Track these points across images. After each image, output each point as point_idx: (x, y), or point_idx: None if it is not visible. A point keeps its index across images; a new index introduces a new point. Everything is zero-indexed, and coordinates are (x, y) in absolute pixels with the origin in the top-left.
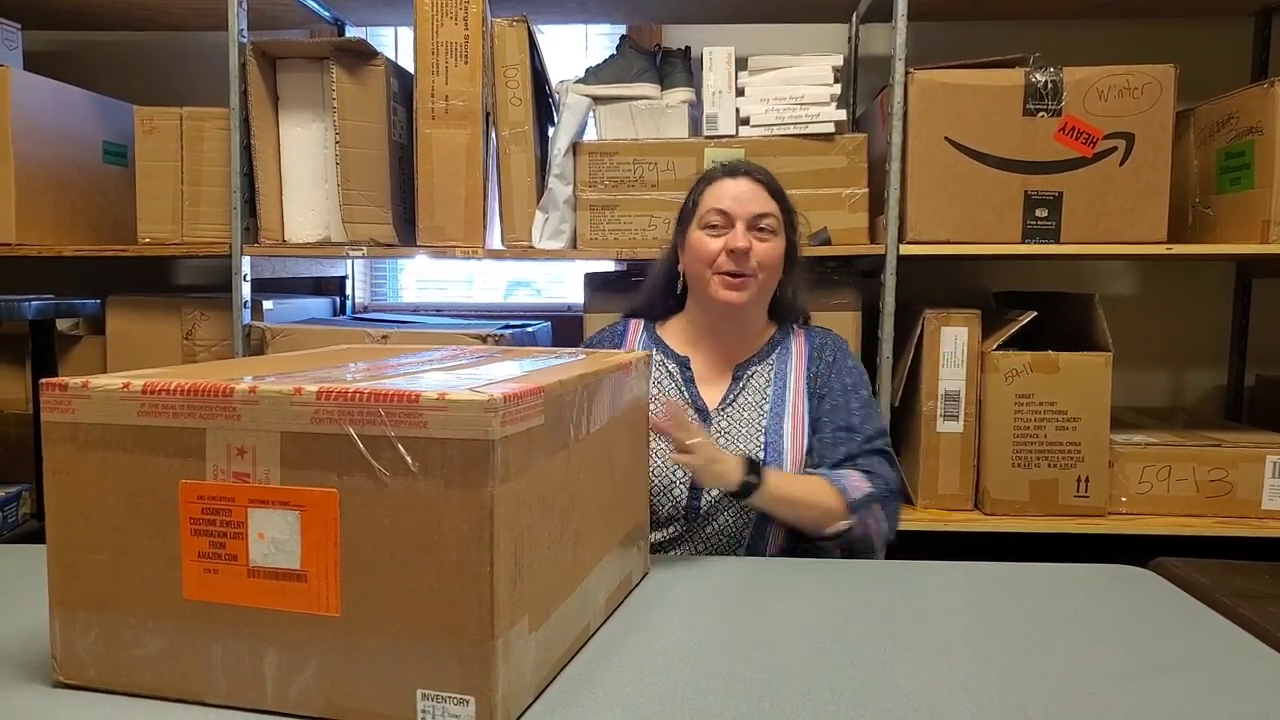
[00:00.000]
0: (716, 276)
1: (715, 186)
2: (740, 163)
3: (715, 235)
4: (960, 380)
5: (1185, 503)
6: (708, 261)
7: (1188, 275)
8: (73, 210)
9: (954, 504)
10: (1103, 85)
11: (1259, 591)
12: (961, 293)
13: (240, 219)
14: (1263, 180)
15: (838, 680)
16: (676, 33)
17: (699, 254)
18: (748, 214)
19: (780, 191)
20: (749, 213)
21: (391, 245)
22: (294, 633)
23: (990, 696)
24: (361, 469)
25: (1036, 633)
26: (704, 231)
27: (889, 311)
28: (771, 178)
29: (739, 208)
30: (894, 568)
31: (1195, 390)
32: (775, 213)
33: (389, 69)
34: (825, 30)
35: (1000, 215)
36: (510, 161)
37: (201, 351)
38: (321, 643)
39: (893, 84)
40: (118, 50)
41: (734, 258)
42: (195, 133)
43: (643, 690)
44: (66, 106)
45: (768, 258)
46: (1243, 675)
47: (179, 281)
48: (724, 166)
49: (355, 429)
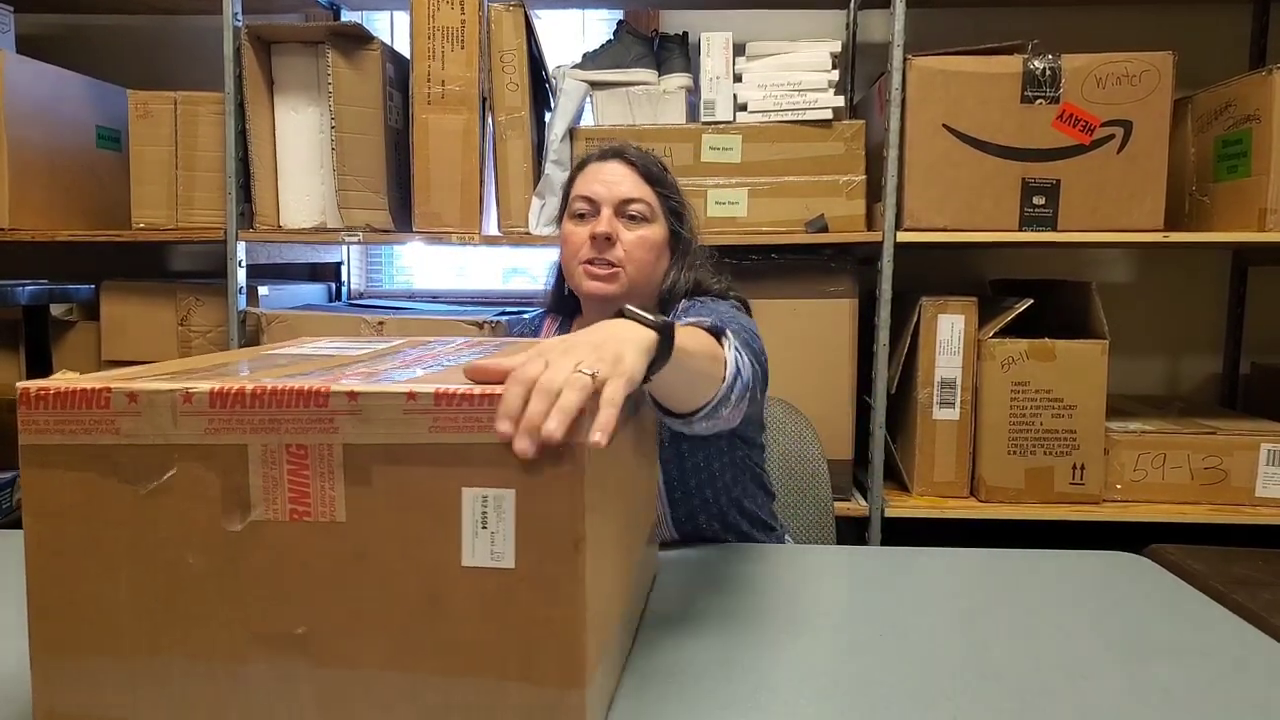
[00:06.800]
0: (581, 267)
1: (585, 171)
2: (615, 145)
3: (582, 224)
4: (956, 368)
5: (1180, 490)
6: (574, 252)
7: (1184, 263)
8: (66, 195)
9: (949, 491)
10: (1101, 72)
11: (1253, 578)
12: (958, 280)
13: (235, 204)
14: (1260, 168)
15: (833, 666)
16: (674, 18)
17: (567, 245)
18: (614, 199)
19: (658, 176)
20: (615, 197)
21: (387, 231)
22: None
23: (985, 682)
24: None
25: (1032, 619)
26: (572, 221)
27: (886, 299)
28: (649, 160)
29: (605, 192)
30: (890, 554)
31: (1191, 378)
32: (647, 198)
33: (385, 54)
34: (823, 16)
35: (997, 203)
36: (507, 147)
37: (197, 338)
38: None
39: (891, 70)
40: (111, 34)
41: (596, 245)
42: (190, 117)
43: (636, 676)
44: (60, 90)
45: (636, 246)
46: (1237, 661)
47: (173, 267)
48: (600, 149)
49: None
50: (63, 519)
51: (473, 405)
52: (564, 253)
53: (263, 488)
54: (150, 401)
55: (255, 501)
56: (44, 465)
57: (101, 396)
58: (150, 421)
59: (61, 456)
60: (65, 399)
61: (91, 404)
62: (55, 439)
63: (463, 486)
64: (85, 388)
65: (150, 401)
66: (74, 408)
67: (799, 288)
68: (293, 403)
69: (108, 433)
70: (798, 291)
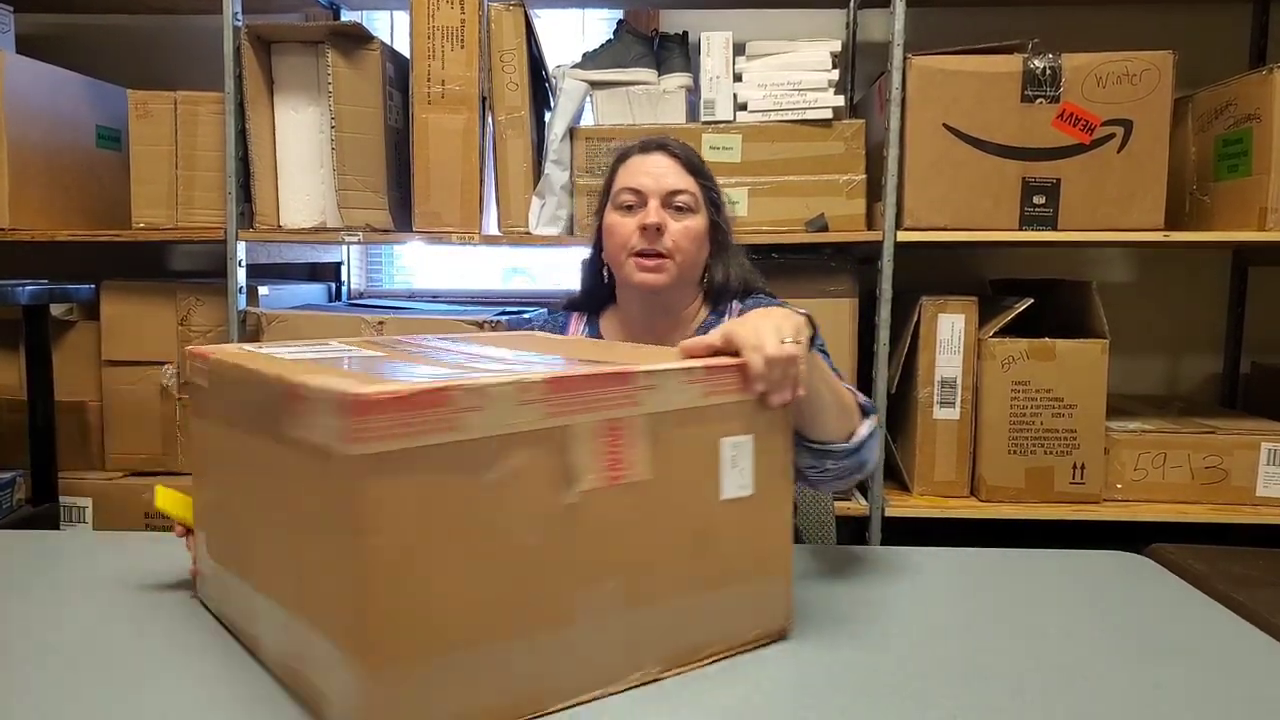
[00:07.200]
0: (632, 259)
1: (628, 164)
2: (655, 138)
3: (629, 215)
4: (957, 367)
5: (1180, 489)
6: (622, 243)
7: (1185, 263)
8: (66, 194)
9: (950, 491)
10: (1101, 72)
11: (1253, 577)
12: (958, 280)
13: (235, 204)
14: (1260, 167)
15: (832, 666)
16: (674, 18)
17: (614, 236)
18: (661, 190)
19: (700, 168)
20: (663, 189)
21: (387, 231)
22: None
23: (986, 682)
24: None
25: (1032, 618)
26: (618, 213)
27: (886, 298)
28: (690, 152)
29: (652, 184)
30: (890, 554)
31: (1191, 378)
32: (691, 189)
33: (385, 53)
34: (823, 16)
35: (998, 202)
36: (507, 147)
37: (197, 337)
38: None
39: (891, 70)
40: (111, 33)
41: (646, 235)
42: (190, 117)
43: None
44: (59, 90)
45: (683, 236)
46: (1237, 660)
47: (174, 266)
48: (640, 142)
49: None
50: (402, 522)
51: (731, 374)
52: (610, 244)
53: (589, 461)
54: (493, 395)
55: (582, 474)
56: (381, 471)
57: (441, 396)
58: (493, 414)
59: (403, 460)
60: (405, 402)
61: (432, 405)
62: (396, 444)
63: (721, 437)
64: (424, 389)
65: (493, 395)
66: (415, 409)
67: (799, 287)
68: (607, 384)
69: (447, 430)
70: (798, 291)
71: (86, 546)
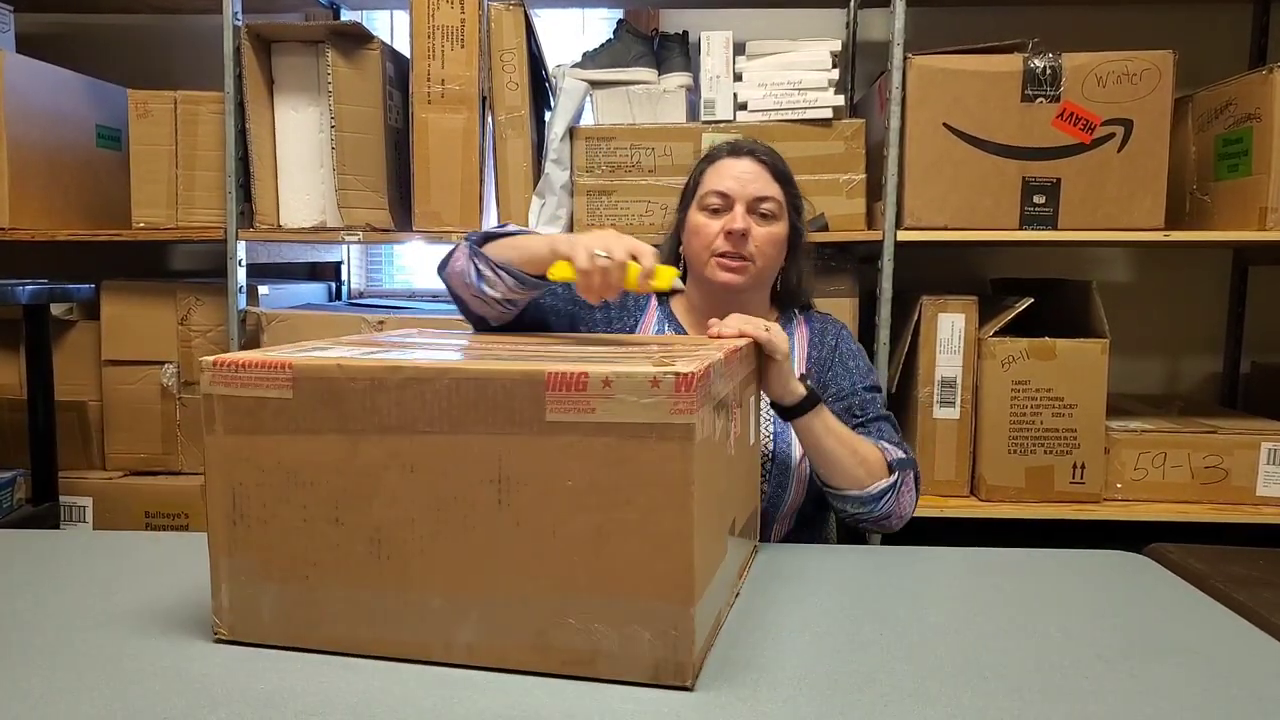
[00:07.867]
0: (714, 259)
1: (717, 166)
2: (745, 142)
3: (714, 217)
4: (957, 367)
5: (1180, 489)
6: (705, 244)
7: (1185, 262)
8: (66, 194)
9: (950, 490)
10: (1101, 71)
11: (1253, 577)
12: (959, 279)
13: (235, 203)
14: (1260, 167)
15: (833, 665)
16: (674, 17)
17: (699, 236)
18: (748, 196)
19: (785, 175)
20: (749, 195)
21: (387, 230)
22: None
23: (986, 681)
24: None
25: (1032, 618)
26: (703, 213)
27: (886, 298)
28: (777, 159)
29: (739, 189)
30: (890, 553)
31: (1191, 377)
32: (777, 196)
33: (385, 53)
34: (823, 15)
35: (998, 201)
36: (507, 146)
37: (197, 337)
38: None
39: (891, 69)
40: (111, 33)
41: (731, 240)
42: (190, 116)
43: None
44: (59, 89)
45: (766, 242)
46: (1237, 660)
47: (174, 266)
48: (729, 145)
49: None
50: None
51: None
52: (693, 243)
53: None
54: (624, 383)
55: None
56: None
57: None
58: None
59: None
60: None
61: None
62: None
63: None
64: (702, 370)
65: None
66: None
67: None
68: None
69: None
70: None
71: (86, 546)
